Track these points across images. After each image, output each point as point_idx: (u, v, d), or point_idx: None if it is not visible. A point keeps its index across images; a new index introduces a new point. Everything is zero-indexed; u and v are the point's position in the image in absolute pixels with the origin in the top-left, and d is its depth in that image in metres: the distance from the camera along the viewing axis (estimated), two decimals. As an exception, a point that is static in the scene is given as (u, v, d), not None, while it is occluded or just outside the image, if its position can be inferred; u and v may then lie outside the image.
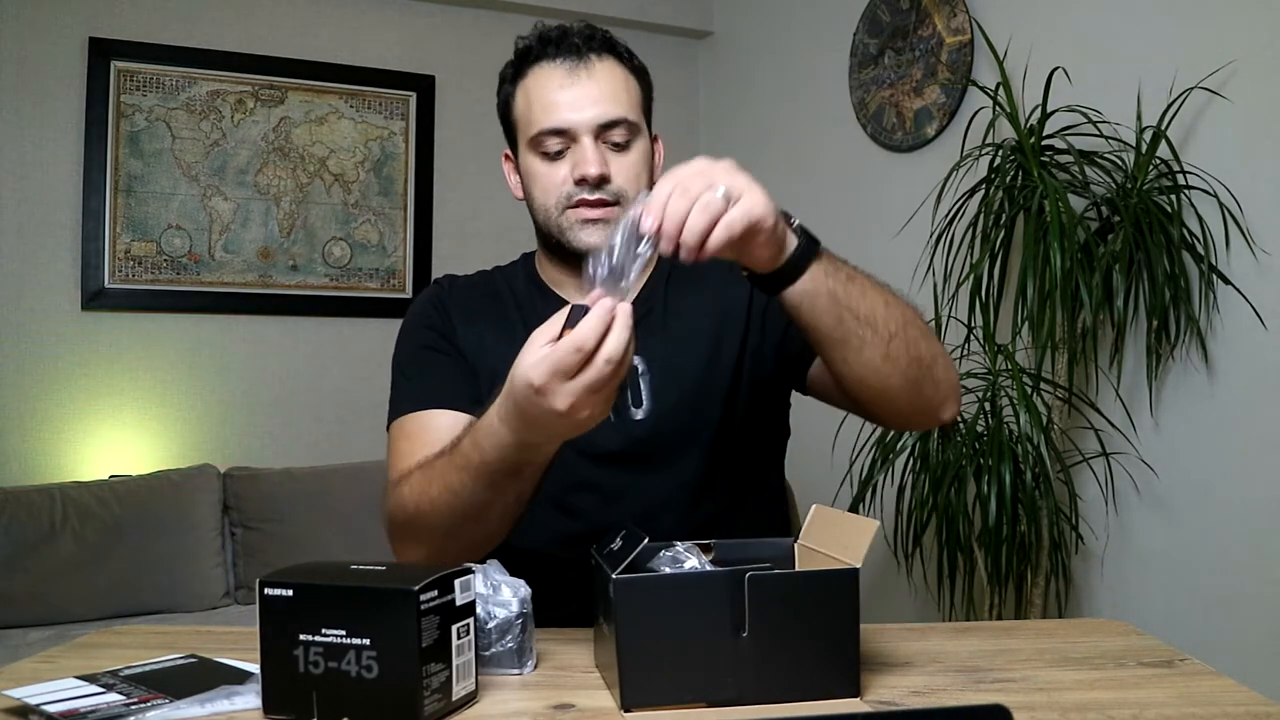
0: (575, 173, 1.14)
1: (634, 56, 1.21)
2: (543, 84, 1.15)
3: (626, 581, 0.80)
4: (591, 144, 1.13)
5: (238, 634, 1.04)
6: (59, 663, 0.92)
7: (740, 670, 0.80)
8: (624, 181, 1.15)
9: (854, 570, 0.82)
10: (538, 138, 1.15)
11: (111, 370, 2.94)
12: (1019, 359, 2.12)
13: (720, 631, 0.80)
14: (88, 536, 2.58)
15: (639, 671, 0.80)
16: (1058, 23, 2.35)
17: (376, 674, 0.76)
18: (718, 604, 0.80)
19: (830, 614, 0.82)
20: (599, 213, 1.14)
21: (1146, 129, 2.04)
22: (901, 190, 2.72)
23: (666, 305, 1.23)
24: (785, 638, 0.81)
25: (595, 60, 1.15)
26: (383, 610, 0.76)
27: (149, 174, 2.98)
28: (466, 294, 1.28)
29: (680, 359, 1.19)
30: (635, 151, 1.17)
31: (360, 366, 3.20)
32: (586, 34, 1.17)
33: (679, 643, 0.80)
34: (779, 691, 0.81)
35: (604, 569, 0.84)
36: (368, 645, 0.76)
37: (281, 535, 2.78)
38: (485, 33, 3.42)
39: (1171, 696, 0.79)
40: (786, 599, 0.82)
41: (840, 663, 0.83)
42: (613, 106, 1.14)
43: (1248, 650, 1.91)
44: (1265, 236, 1.93)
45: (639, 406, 1.17)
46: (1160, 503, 2.13)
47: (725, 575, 0.82)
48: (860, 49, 2.96)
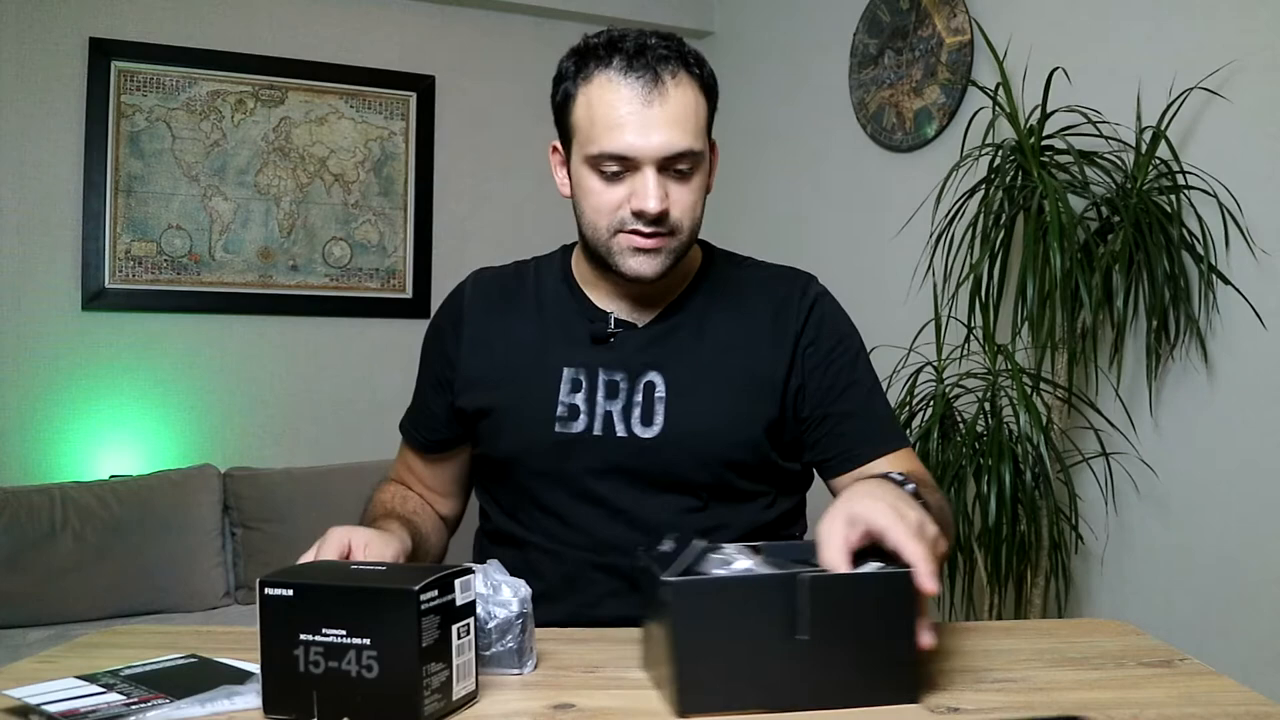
0: (634, 203, 1.08)
1: (703, 66, 1.13)
2: (609, 99, 1.07)
3: (682, 584, 0.79)
4: (654, 176, 1.07)
5: (238, 634, 1.04)
6: (59, 663, 0.92)
7: (797, 675, 0.78)
8: (680, 213, 1.11)
9: (909, 572, 0.79)
10: (598, 159, 1.08)
11: (111, 370, 2.94)
12: (1019, 359, 2.12)
13: (777, 635, 0.78)
14: (88, 536, 2.58)
15: (695, 676, 0.78)
16: (1058, 23, 2.35)
17: (377, 674, 0.75)
18: (774, 606, 0.78)
19: (888, 617, 0.80)
20: (652, 243, 1.10)
21: (1146, 129, 2.04)
22: (901, 190, 2.72)
23: (700, 325, 1.19)
24: (843, 641, 0.79)
25: (669, 82, 1.07)
26: (383, 610, 0.76)
27: (149, 174, 2.98)
28: (488, 291, 1.25)
29: (703, 384, 1.16)
30: (696, 179, 1.12)
31: (360, 366, 3.21)
32: (663, 53, 1.08)
33: (735, 646, 0.78)
34: (836, 696, 0.79)
35: (654, 571, 0.82)
36: (368, 645, 0.76)
37: (281, 535, 2.78)
38: (485, 33, 3.42)
39: (1171, 696, 0.79)
40: (844, 601, 0.79)
41: (898, 667, 0.81)
42: (681, 137, 1.07)
43: (1248, 650, 1.91)
44: (1265, 236, 1.93)
45: (650, 425, 1.14)
46: (1160, 503, 2.13)
47: (781, 577, 0.80)
48: (860, 49, 2.96)
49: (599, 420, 1.15)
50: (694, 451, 1.14)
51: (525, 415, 1.17)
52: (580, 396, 1.16)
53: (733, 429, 1.15)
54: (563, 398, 1.16)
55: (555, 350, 1.18)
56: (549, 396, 1.16)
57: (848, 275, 2.04)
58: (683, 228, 1.12)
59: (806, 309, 1.20)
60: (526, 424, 1.16)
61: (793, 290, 1.22)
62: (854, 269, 2.76)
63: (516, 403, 1.18)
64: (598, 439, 1.14)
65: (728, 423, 1.14)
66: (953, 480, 2.05)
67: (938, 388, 2.17)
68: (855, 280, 2.17)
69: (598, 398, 1.15)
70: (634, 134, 1.06)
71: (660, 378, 1.15)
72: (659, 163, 1.07)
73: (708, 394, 1.15)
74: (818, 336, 1.20)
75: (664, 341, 1.18)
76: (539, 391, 1.16)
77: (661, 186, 1.08)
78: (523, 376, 1.18)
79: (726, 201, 3.56)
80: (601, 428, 1.15)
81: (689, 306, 1.20)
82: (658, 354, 1.17)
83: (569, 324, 1.20)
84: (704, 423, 1.14)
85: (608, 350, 1.17)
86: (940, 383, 2.17)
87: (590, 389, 1.16)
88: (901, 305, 2.48)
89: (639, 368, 1.16)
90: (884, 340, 2.17)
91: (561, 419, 1.15)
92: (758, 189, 3.38)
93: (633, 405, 1.15)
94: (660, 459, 1.14)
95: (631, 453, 1.14)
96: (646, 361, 1.16)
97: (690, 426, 1.14)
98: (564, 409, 1.15)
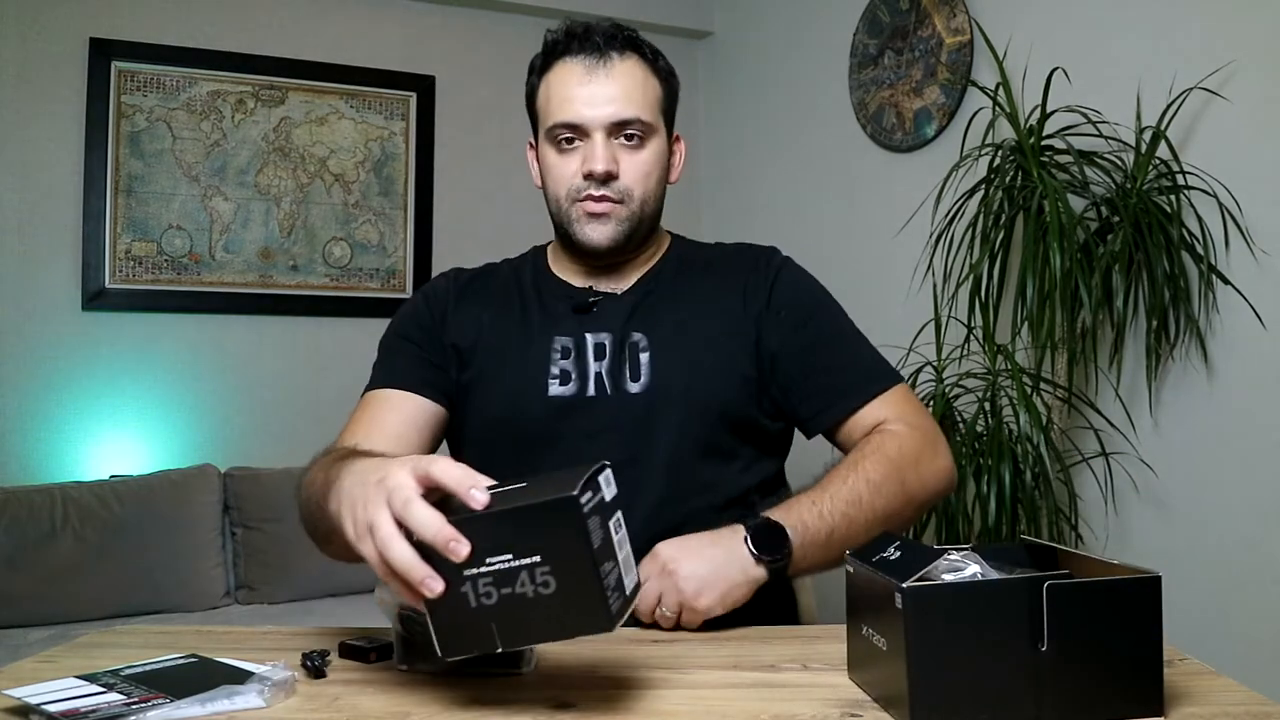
0: (584, 167, 1.17)
1: (659, 57, 1.24)
2: (563, 79, 1.19)
3: (919, 590, 0.74)
4: (603, 141, 1.17)
5: (238, 634, 1.04)
6: (59, 662, 0.92)
7: (1039, 688, 0.74)
8: (632, 180, 1.19)
9: (1158, 577, 0.76)
10: (553, 130, 1.19)
11: (112, 370, 2.94)
12: (1019, 359, 2.12)
13: (1018, 646, 0.74)
14: (88, 536, 2.58)
15: (933, 691, 0.74)
16: (1057, 23, 2.35)
17: (554, 588, 0.73)
18: (1016, 615, 0.74)
19: (1134, 625, 0.76)
20: (602, 207, 1.18)
21: (1146, 129, 2.05)
22: (901, 190, 2.72)
23: (675, 291, 1.25)
24: (1087, 652, 0.75)
25: (616, 59, 1.18)
26: (547, 524, 0.73)
27: (149, 174, 2.98)
28: (468, 283, 1.32)
29: (684, 339, 1.21)
30: (648, 151, 1.20)
31: (361, 366, 3.16)
32: (610, 32, 1.20)
33: (975, 658, 0.74)
34: (1080, 711, 0.75)
35: (881, 578, 0.78)
36: (539, 562, 0.73)
37: (281, 535, 2.78)
38: (485, 33, 3.42)
39: (1171, 697, 0.79)
40: (1089, 609, 0.75)
41: (1144, 679, 0.76)
42: (626, 106, 1.17)
43: (1248, 650, 1.91)
44: (1265, 237, 1.93)
45: (636, 381, 1.19)
46: (1160, 503, 2.13)
47: (1024, 583, 0.75)
48: (860, 49, 2.96)
49: (591, 381, 1.19)
50: (681, 402, 1.18)
51: (517, 382, 1.20)
52: (570, 362, 1.20)
53: (715, 379, 1.19)
54: (554, 363, 1.20)
55: (541, 323, 1.24)
56: (541, 362, 1.20)
57: (848, 275, 2.04)
58: (633, 196, 1.19)
59: (773, 276, 1.26)
60: (519, 389, 1.20)
61: (758, 261, 1.28)
62: (854, 269, 2.76)
63: (507, 370, 1.22)
64: (589, 400, 1.18)
65: (710, 374, 1.19)
66: (953, 480, 2.05)
67: (937, 388, 2.17)
68: (855, 280, 2.17)
69: (588, 359, 1.20)
70: (582, 103, 1.17)
71: (644, 336, 1.20)
72: (608, 128, 1.17)
73: (690, 348, 1.20)
74: (787, 302, 1.25)
75: (643, 304, 1.24)
76: (530, 359, 1.21)
77: (610, 150, 1.17)
78: (514, 345, 1.23)
79: (726, 201, 3.57)
80: (594, 388, 1.19)
81: (661, 276, 1.27)
82: (640, 316, 1.22)
83: (549, 303, 1.26)
84: (688, 374, 1.19)
85: (592, 318, 1.23)
86: (940, 383, 2.17)
87: (579, 353, 1.20)
88: (901, 305, 2.48)
89: (622, 329, 1.21)
90: (884, 340, 2.15)
91: (554, 382, 1.19)
92: (758, 189, 3.38)
93: (621, 364, 1.19)
94: (649, 413, 1.17)
95: (621, 408, 1.18)
96: (630, 324, 1.21)
97: (676, 379, 1.19)
98: (556, 372, 1.20)
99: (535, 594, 0.73)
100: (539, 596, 0.73)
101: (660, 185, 1.24)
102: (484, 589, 0.73)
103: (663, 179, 1.24)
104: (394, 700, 0.82)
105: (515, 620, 0.74)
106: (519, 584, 0.73)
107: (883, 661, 0.79)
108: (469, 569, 0.73)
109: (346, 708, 0.80)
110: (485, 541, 0.73)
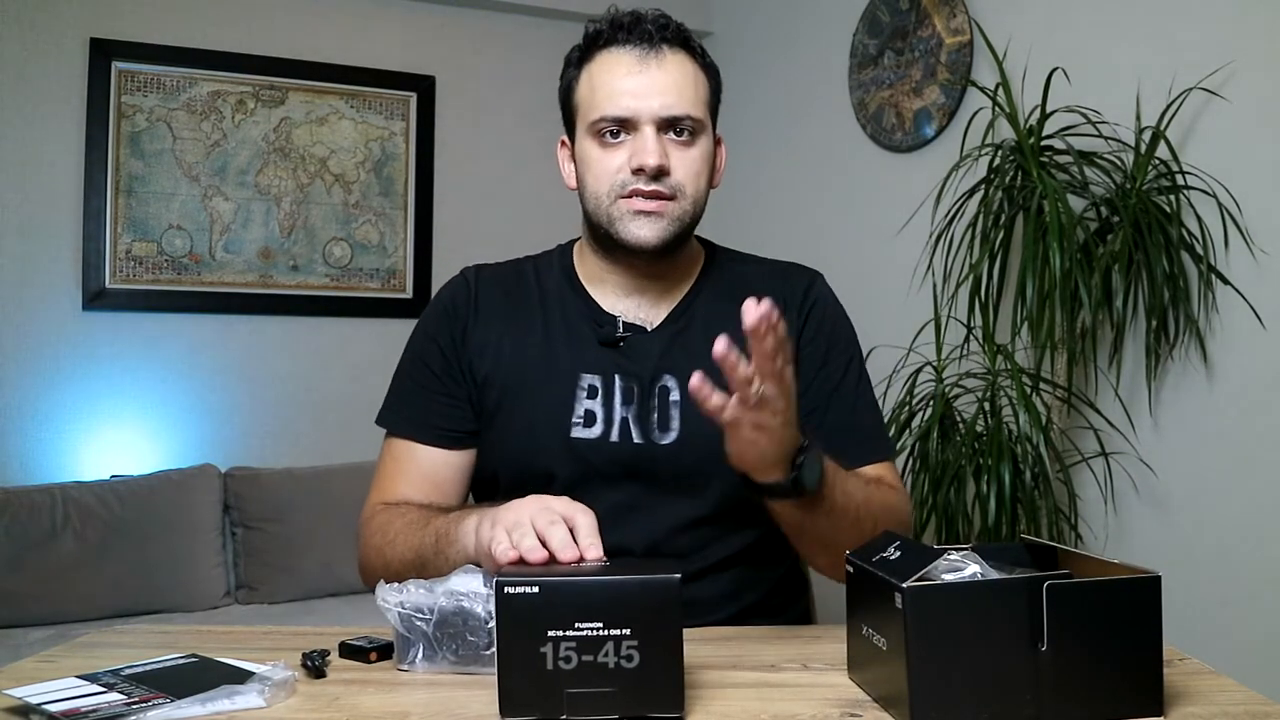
0: (633, 161, 1.10)
1: (706, 54, 1.17)
2: (610, 69, 1.12)
3: (920, 590, 0.74)
4: (653, 134, 1.10)
5: (238, 634, 1.04)
6: (60, 662, 0.92)
7: (1039, 688, 0.74)
8: (684, 177, 1.12)
9: (1158, 577, 0.77)
10: (599, 123, 1.12)
11: (112, 370, 2.94)
12: (1018, 359, 2.12)
13: (1018, 645, 0.74)
14: (88, 536, 2.58)
15: (933, 690, 0.74)
16: (1057, 23, 2.35)
17: (638, 663, 0.75)
18: (1016, 615, 0.75)
19: (1133, 625, 0.76)
20: (654, 205, 1.11)
21: (1145, 129, 2.05)
22: (901, 190, 2.72)
23: (707, 326, 1.17)
24: (1086, 652, 0.75)
25: (667, 51, 1.12)
26: (645, 599, 0.75)
27: (150, 174, 2.98)
28: (490, 290, 1.23)
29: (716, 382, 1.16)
30: (698, 149, 1.13)
31: (361, 366, 3.20)
32: (661, 22, 1.13)
33: (975, 658, 0.74)
34: (1080, 711, 0.75)
35: (881, 577, 0.78)
36: (628, 635, 0.75)
37: (281, 535, 2.79)
38: (485, 33, 3.42)
39: (1171, 696, 0.79)
40: (1089, 609, 0.76)
41: (1144, 679, 0.77)
42: (679, 100, 1.11)
43: (1248, 650, 1.91)
44: (1264, 237, 1.93)
45: (666, 431, 1.14)
46: (1159, 502, 2.13)
47: (1024, 583, 0.76)
48: (860, 49, 2.96)
49: (616, 426, 1.14)
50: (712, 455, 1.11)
51: (539, 419, 1.15)
52: (596, 403, 1.15)
53: None
54: (580, 402, 1.14)
55: (566, 354, 1.17)
56: (566, 400, 1.15)
57: (848, 275, 2.03)
58: (684, 193, 1.13)
59: (808, 309, 1.21)
60: (540, 427, 1.15)
61: (796, 288, 1.23)
62: (854, 269, 2.75)
63: (529, 406, 1.16)
64: (614, 445, 1.13)
65: None
66: (952, 480, 2.05)
67: (937, 387, 2.17)
68: (855, 280, 2.16)
69: (615, 402, 1.15)
70: (632, 96, 1.10)
71: (674, 382, 1.15)
72: (658, 123, 1.10)
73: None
74: (815, 336, 1.20)
75: (675, 345, 1.17)
76: (554, 396, 1.15)
77: (661, 144, 1.10)
78: (536, 376, 1.17)
79: (726, 201, 3.56)
80: (618, 433, 1.14)
81: (694, 307, 1.20)
82: (670, 358, 1.16)
83: (575, 327, 1.19)
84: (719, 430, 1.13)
85: (621, 355, 1.16)
86: (940, 383, 2.17)
87: (607, 395, 1.15)
88: (901, 305, 2.48)
89: (653, 372, 1.15)
90: (884, 340, 2.17)
91: (578, 424, 1.14)
92: (758, 189, 3.38)
93: (649, 410, 1.14)
94: (678, 465, 1.13)
95: (648, 458, 1.13)
96: (660, 366, 1.16)
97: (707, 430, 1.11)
98: (581, 413, 1.14)
99: (616, 666, 0.75)
100: (619, 669, 0.75)
101: (707, 187, 1.17)
102: (565, 652, 0.75)
103: (709, 181, 1.17)
104: (394, 700, 0.82)
105: (587, 689, 0.75)
106: (602, 653, 0.75)
107: (883, 661, 0.79)
108: (554, 629, 0.75)
109: (346, 708, 0.80)
110: (578, 606, 0.75)
